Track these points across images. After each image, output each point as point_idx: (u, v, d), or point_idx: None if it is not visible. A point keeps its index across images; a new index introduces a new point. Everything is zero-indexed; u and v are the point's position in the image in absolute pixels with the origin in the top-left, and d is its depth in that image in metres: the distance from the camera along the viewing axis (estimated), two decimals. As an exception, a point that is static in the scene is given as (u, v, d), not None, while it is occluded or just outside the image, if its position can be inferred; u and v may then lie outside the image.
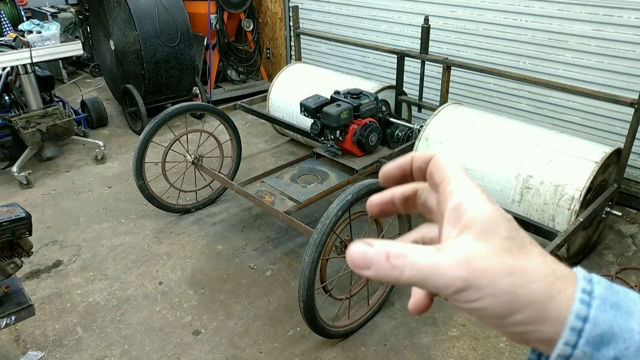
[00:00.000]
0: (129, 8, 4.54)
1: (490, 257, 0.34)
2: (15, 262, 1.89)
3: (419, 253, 0.35)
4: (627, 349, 0.32)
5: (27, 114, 4.20)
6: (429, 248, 0.35)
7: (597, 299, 0.33)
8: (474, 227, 0.35)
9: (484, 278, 0.33)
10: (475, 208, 0.35)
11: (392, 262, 0.35)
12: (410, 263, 0.34)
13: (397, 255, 0.35)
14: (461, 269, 0.33)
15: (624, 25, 3.23)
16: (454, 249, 0.34)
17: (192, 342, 2.53)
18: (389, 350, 2.48)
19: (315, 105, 3.14)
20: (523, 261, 0.34)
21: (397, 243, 0.36)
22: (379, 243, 0.36)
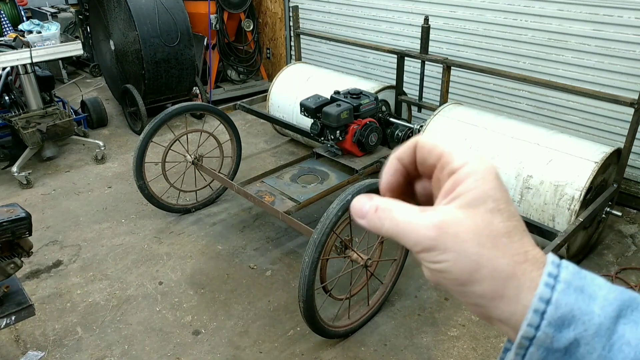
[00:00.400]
0: (129, 8, 4.54)
1: (466, 223, 0.35)
2: (15, 262, 1.89)
3: (402, 210, 0.38)
4: (585, 331, 0.32)
5: (27, 114, 4.20)
6: (415, 208, 0.38)
7: (562, 283, 0.33)
8: (461, 197, 0.36)
9: (451, 241, 0.35)
10: (470, 181, 0.36)
11: (379, 214, 0.38)
12: (391, 217, 0.37)
13: (384, 209, 0.38)
14: (432, 230, 0.35)
15: (624, 25, 3.23)
16: (435, 212, 0.36)
17: (192, 342, 2.53)
18: (389, 350, 2.47)
19: (315, 105, 3.14)
20: (498, 237, 0.35)
21: (390, 199, 0.39)
22: (376, 197, 0.40)
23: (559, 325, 0.33)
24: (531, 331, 0.33)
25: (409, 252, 2.74)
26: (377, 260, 2.60)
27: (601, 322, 0.33)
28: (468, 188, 0.36)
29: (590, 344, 0.32)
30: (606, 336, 0.32)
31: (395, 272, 2.71)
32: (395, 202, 0.39)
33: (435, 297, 2.80)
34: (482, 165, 0.37)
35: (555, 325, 0.33)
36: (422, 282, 2.92)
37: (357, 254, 2.41)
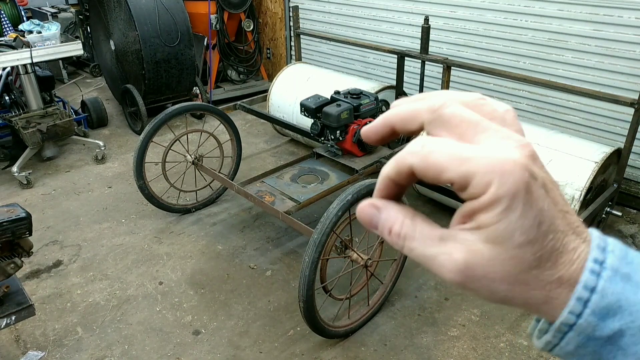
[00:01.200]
0: (129, 8, 4.54)
1: (492, 264, 0.32)
2: (16, 262, 1.89)
3: (420, 238, 0.34)
4: (633, 322, 0.31)
5: (28, 114, 4.20)
6: (433, 234, 0.34)
7: (608, 270, 0.32)
8: (485, 230, 0.32)
9: (479, 284, 0.32)
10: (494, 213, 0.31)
11: (393, 239, 0.35)
12: (409, 247, 0.34)
13: (398, 235, 0.35)
14: (456, 274, 0.32)
15: (624, 25, 3.23)
16: (456, 247, 0.32)
17: (192, 342, 2.53)
18: (389, 350, 2.47)
19: (316, 105, 3.14)
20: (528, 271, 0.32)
21: (403, 217, 0.35)
22: (386, 211, 0.36)
23: (603, 314, 0.31)
24: (572, 318, 0.32)
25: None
26: (377, 260, 2.60)
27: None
28: (492, 220, 0.31)
29: (637, 335, 0.31)
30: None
31: (395, 272, 2.71)
32: (409, 226, 0.35)
33: (435, 297, 2.80)
34: (509, 187, 0.30)
35: (600, 315, 0.31)
36: (422, 282, 2.92)
37: (357, 254, 2.41)
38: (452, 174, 0.32)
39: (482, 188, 0.31)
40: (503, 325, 2.60)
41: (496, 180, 0.30)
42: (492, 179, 0.30)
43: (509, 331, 2.57)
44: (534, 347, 2.42)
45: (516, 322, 2.62)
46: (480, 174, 0.31)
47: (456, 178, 0.32)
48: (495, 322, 2.63)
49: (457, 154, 0.32)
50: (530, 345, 2.48)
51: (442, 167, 0.32)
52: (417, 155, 0.33)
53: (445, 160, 0.32)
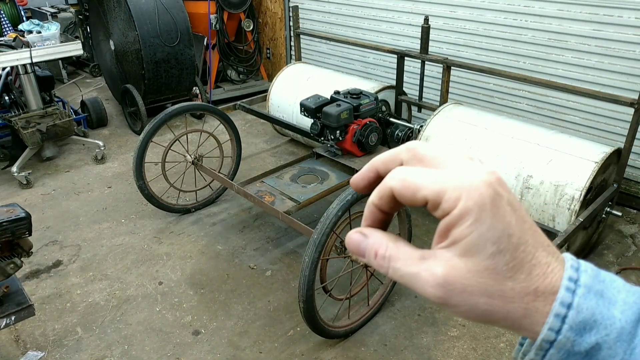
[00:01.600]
0: (129, 8, 4.54)
1: (469, 277, 0.34)
2: (15, 262, 1.89)
3: (403, 258, 0.36)
4: (607, 335, 0.33)
5: (27, 114, 4.20)
6: (414, 254, 0.36)
7: (582, 287, 0.34)
8: (459, 245, 0.34)
9: (459, 298, 0.34)
10: (465, 226, 0.33)
11: (379, 261, 0.37)
12: (393, 267, 0.36)
13: (384, 257, 0.37)
14: (437, 289, 0.34)
15: (624, 25, 3.22)
16: (436, 263, 0.35)
17: (192, 342, 2.53)
18: (389, 350, 2.47)
19: (315, 105, 3.14)
20: (504, 282, 0.34)
21: (387, 241, 0.37)
22: (372, 237, 0.38)
23: (580, 329, 0.33)
24: (552, 335, 0.33)
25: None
26: (377, 260, 2.60)
27: (622, 327, 0.33)
28: (463, 234, 0.33)
29: (613, 348, 0.33)
30: (627, 340, 0.33)
31: (395, 272, 2.71)
32: (393, 248, 0.37)
33: (435, 297, 2.80)
34: (477, 200, 0.33)
35: (577, 330, 0.33)
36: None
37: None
38: (426, 191, 0.34)
39: (453, 203, 0.33)
40: (503, 325, 2.60)
41: (464, 194, 0.33)
42: (461, 194, 0.33)
43: (509, 331, 2.56)
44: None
45: (516, 322, 2.62)
46: (450, 190, 0.34)
47: (430, 195, 0.34)
48: (495, 322, 2.62)
49: (431, 175, 0.35)
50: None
51: (418, 186, 0.35)
52: (395, 179, 0.36)
53: (421, 180, 0.35)
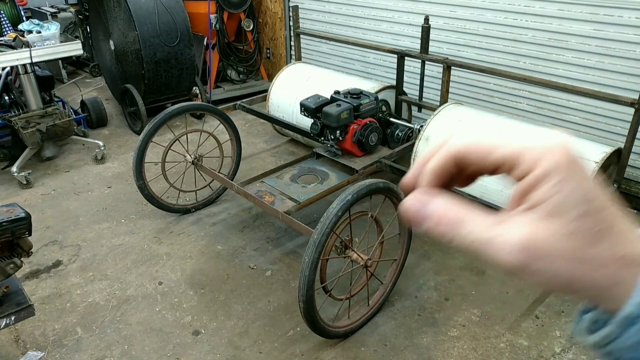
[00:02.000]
0: (129, 8, 4.53)
1: (555, 240, 0.31)
2: (15, 262, 1.89)
3: (475, 223, 0.33)
4: None
5: (27, 114, 4.19)
6: (488, 218, 0.33)
7: None
8: (542, 206, 0.31)
9: (541, 263, 0.31)
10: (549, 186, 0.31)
11: (444, 228, 0.34)
12: (464, 233, 0.33)
13: (450, 222, 0.33)
14: (517, 254, 0.31)
15: (625, 25, 3.22)
16: (515, 226, 0.32)
17: (192, 342, 2.53)
18: (389, 350, 2.47)
19: (315, 105, 3.13)
20: (592, 246, 0.31)
21: (453, 205, 0.34)
22: (435, 200, 0.34)
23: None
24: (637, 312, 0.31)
25: (409, 252, 2.74)
26: (377, 260, 2.60)
27: None
28: (547, 194, 0.31)
29: None
30: None
31: (395, 272, 2.71)
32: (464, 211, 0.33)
33: (435, 297, 2.80)
34: (559, 159, 0.31)
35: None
36: (422, 282, 2.92)
37: (357, 254, 2.40)
38: (503, 151, 0.32)
39: (535, 162, 0.31)
40: (503, 326, 2.60)
41: (547, 154, 0.31)
42: (544, 153, 0.31)
43: (509, 331, 2.56)
44: (533, 348, 2.42)
45: (516, 323, 2.62)
46: (531, 149, 0.32)
47: (507, 154, 0.32)
48: (496, 322, 2.62)
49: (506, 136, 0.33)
50: (530, 345, 2.48)
51: (493, 145, 0.33)
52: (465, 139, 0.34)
53: (496, 140, 0.33)
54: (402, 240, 2.68)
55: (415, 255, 3.12)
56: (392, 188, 2.46)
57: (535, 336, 2.53)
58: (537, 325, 2.60)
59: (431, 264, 3.06)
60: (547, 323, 2.61)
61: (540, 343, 2.49)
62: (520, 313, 2.68)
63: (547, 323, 2.61)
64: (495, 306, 2.73)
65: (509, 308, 2.71)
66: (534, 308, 2.70)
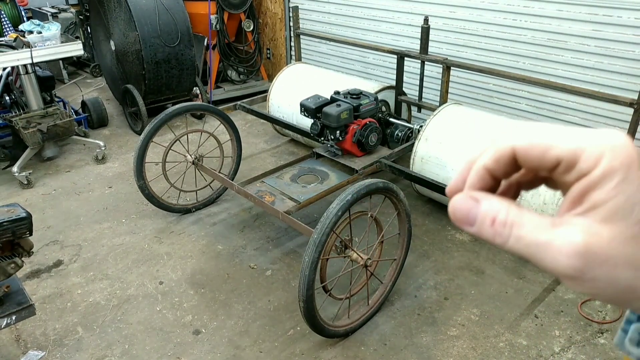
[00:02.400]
0: (130, 8, 4.55)
1: (614, 245, 0.29)
2: (16, 262, 1.90)
3: (529, 225, 0.31)
4: None
5: (28, 114, 4.20)
6: (543, 221, 0.31)
7: None
8: (601, 209, 0.29)
9: (599, 270, 0.29)
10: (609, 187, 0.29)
11: (497, 229, 0.32)
12: (517, 235, 0.31)
13: (504, 223, 0.31)
14: (575, 258, 0.29)
15: (624, 26, 3.23)
16: (572, 229, 0.30)
17: (193, 341, 2.54)
18: (389, 349, 2.48)
19: (315, 105, 3.14)
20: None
21: (508, 205, 0.32)
22: (487, 201, 0.33)
23: None
24: None
25: (408, 252, 2.75)
26: (377, 260, 2.61)
27: None
28: (608, 196, 0.29)
29: None
30: None
31: (395, 272, 2.72)
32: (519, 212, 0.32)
33: (435, 297, 2.81)
34: (621, 159, 0.29)
35: None
36: (422, 281, 2.93)
37: (357, 254, 2.41)
38: (560, 150, 0.30)
39: (594, 161, 0.29)
40: (502, 325, 2.61)
41: (608, 152, 0.29)
42: (604, 152, 0.29)
43: (508, 331, 2.57)
44: (533, 347, 2.42)
45: (515, 322, 2.62)
46: (590, 147, 0.30)
47: (565, 153, 0.30)
48: (495, 321, 2.63)
49: (563, 133, 0.31)
50: (530, 344, 2.48)
51: (549, 144, 0.31)
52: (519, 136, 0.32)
53: (552, 137, 0.31)
54: (401, 239, 2.69)
55: (414, 254, 3.13)
56: (391, 188, 2.47)
57: (534, 336, 2.54)
58: (537, 324, 2.61)
59: (431, 264, 3.07)
60: (546, 323, 2.62)
61: (539, 342, 2.50)
62: (519, 312, 2.69)
63: (547, 323, 2.61)
64: (495, 306, 2.74)
65: (509, 307, 2.72)
66: (533, 308, 2.71)
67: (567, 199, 0.31)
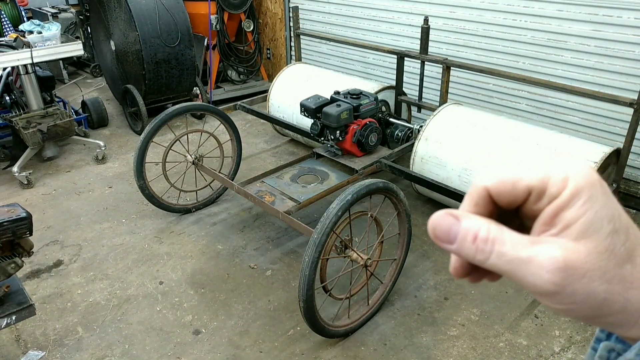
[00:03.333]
0: (130, 8, 4.55)
1: (590, 260, 0.30)
2: (16, 261, 1.90)
3: (510, 242, 0.32)
4: None
5: (28, 114, 4.21)
6: (523, 238, 0.32)
7: None
8: (574, 226, 0.31)
9: (578, 284, 0.30)
10: (579, 205, 0.31)
11: (479, 246, 0.32)
12: (499, 251, 0.32)
13: (486, 239, 0.32)
14: (555, 273, 0.30)
15: (623, 26, 3.23)
16: (551, 246, 0.31)
17: (193, 341, 2.54)
18: (389, 349, 2.48)
19: (315, 105, 3.14)
20: (623, 265, 0.31)
21: (488, 223, 0.33)
22: (468, 219, 0.33)
23: None
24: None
25: (408, 252, 2.75)
26: (377, 260, 2.61)
27: None
28: (578, 214, 0.31)
29: None
30: None
31: (395, 272, 2.72)
32: (499, 229, 0.33)
33: (435, 297, 2.81)
34: (583, 179, 0.31)
35: None
36: (422, 281, 2.93)
37: (357, 254, 2.41)
38: (528, 179, 0.32)
39: (562, 184, 0.31)
40: (502, 325, 2.61)
41: (573, 175, 0.31)
42: (569, 175, 0.32)
43: (508, 331, 2.57)
44: (533, 347, 2.43)
45: (515, 322, 2.63)
46: (556, 173, 0.32)
47: (533, 182, 0.32)
48: (495, 321, 2.63)
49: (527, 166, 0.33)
50: (530, 344, 2.48)
51: (517, 177, 0.33)
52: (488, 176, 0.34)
53: (518, 171, 0.33)
54: (401, 240, 2.69)
55: (414, 254, 3.13)
56: (391, 188, 2.47)
57: (534, 335, 2.54)
58: (537, 324, 2.61)
59: (431, 264, 3.07)
60: (546, 322, 2.62)
61: (539, 342, 2.50)
62: (519, 312, 2.69)
63: (546, 322, 2.62)
64: (495, 305, 2.74)
65: (508, 307, 2.72)
66: (533, 307, 2.71)
67: (539, 222, 0.33)
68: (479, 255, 0.33)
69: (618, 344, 0.34)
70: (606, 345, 0.35)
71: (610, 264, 0.31)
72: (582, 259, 0.31)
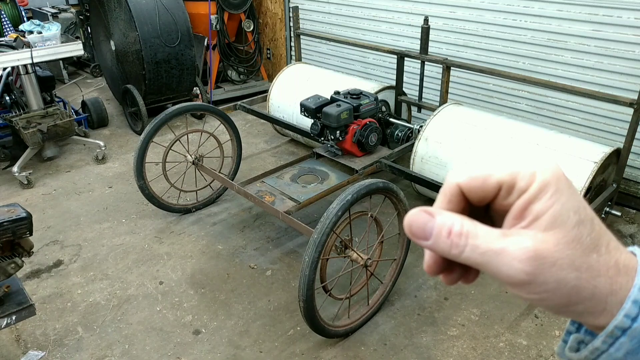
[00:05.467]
0: (130, 8, 4.55)
1: (559, 249, 0.32)
2: (16, 261, 1.90)
3: (483, 235, 0.34)
4: None
5: (28, 114, 4.20)
6: (495, 231, 0.34)
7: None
8: (543, 218, 0.33)
9: (549, 273, 0.32)
10: (546, 198, 0.33)
11: (453, 240, 0.34)
12: (473, 245, 0.33)
13: (460, 234, 0.34)
14: (527, 263, 0.32)
15: (623, 26, 3.23)
16: (522, 237, 0.33)
17: (193, 341, 2.54)
18: (389, 349, 2.48)
19: (315, 105, 3.14)
20: (589, 254, 0.33)
21: (461, 218, 0.35)
22: (442, 215, 0.35)
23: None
24: (627, 322, 0.32)
25: (408, 252, 2.75)
26: (377, 260, 2.61)
27: None
28: (546, 206, 0.33)
29: None
30: None
31: (395, 272, 2.72)
32: (473, 223, 0.34)
33: (435, 297, 2.81)
34: (550, 173, 0.33)
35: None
36: (422, 281, 2.93)
37: (357, 254, 2.41)
38: (498, 175, 0.34)
39: (530, 179, 0.33)
40: (502, 325, 2.61)
41: (539, 170, 0.33)
42: (536, 170, 0.33)
43: (508, 331, 2.57)
44: (533, 347, 2.43)
45: (515, 322, 2.63)
46: (525, 168, 0.34)
47: (503, 177, 0.34)
48: (495, 321, 2.63)
49: (497, 163, 0.35)
50: (529, 344, 2.48)
51: (487, 173, 0.35)
52: (459, 173, 0.35)
53: (488, 168, 0.35)
54: (401, 239, 2.69)
55: (414, 254, 3.13)
56: (391, 188, 2.47)
57: (534, 335, 2.54)
58: (536, 324, 2.61)
59: (431, 264, 3.07)
60: (546, 322, 2.62)
61: (539, 342, 2.50)
62: (519, 312, 2.69)
63: (546, 322, 2.62)
64: (495, 305, 2.74)
65: (508, 307, 2.72)
66: (533, 307, 2.71)
67: (509, 217, 0.34)
68: (454, 249, 0.34)
69: (587, 336, 0.36)
70: (576, 337, 0.37)
71: (578, 253, 0.32)
72: (551, 248, 0.32)
